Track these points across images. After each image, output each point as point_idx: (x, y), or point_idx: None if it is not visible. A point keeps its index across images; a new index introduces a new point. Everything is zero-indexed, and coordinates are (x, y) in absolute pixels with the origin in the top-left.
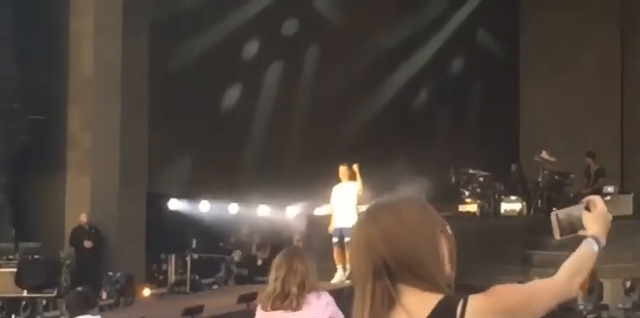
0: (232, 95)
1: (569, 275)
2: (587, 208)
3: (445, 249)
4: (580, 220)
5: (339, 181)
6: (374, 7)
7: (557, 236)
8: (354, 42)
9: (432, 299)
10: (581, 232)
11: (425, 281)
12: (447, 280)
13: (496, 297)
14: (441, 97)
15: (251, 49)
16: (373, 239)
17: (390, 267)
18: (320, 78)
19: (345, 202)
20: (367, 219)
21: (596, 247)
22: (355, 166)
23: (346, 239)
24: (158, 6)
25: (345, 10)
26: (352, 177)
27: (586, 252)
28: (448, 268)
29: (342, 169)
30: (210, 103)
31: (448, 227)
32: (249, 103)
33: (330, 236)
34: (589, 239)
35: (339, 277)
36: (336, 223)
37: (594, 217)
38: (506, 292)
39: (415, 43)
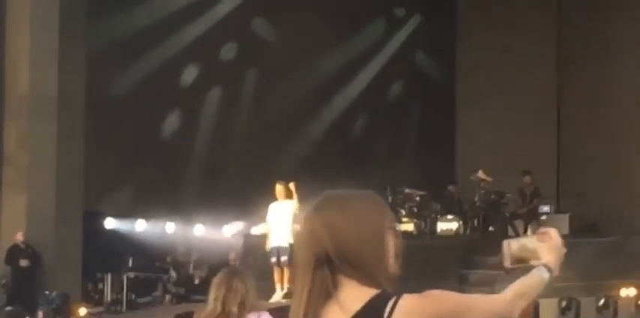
0: (173, 116)
1: (514, 295)
2: (541, 239)
3: (391, 245)
4: (533, 251)
5: (275, 199)
6: (311, 31)
7: (506, 264)
8: (293, 65)
9: (367, 294)
10: (532, 262)
11: (364, 276)
12: (390, 277)
13: (430, 300)
14: (379, 117)
15: (190, 73)
16: (317, 230)
17: (332, 259)
18: (260, 100)
19: (281, 220)
20: (313, 209)
21: (546, 276)
22: (292, 185)
23: (282, 258)
24: (94, 27)
25: (283, 33)
26: (289, 195)
27: (536, 278)
28: (392, 264)
29: (279, 188)
30: (149, 122)
31: (397, 225)
32: (189, 123)
33: (267, 254)
34: (541, 267)
35: (277, 296)
36: (272, 242)
37: (549, 247)
38: (442, 297)
39: (355, 65)
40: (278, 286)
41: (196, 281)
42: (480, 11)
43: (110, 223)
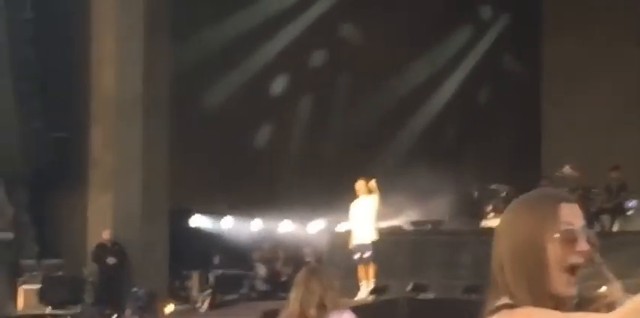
0: (262, 119)
1: (628, 312)
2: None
3: (555, 257)
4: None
5: (356, 196)
6: (400, 35)
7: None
8: (382, 71)
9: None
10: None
11: (501, 289)
12: (549, 294)
13: None
14: (467, 119)
15: (280, 82)
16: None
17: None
18: (351, 107)
19: (362, 217)
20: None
21: None
22: (373, 181)
23: (365, 255)
24: (180, 30)
25: (372, 39)
26: (370, 192)
27: None
28: (557, 280)
29: (360, 184)
30: (238, 123)
31: (575, 233)
32: (280, 126)
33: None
34: None
35: (363, 293)
36: (354, 239)
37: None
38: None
39: (444, 69)
40: (363, 283)
41: (283, 278)
42: (565, 11)
43: (196, 220)
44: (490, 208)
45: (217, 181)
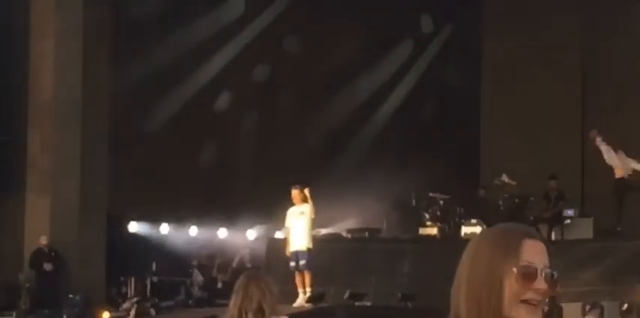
0: (203, 126)
1: None
2: None
3: (511, 291)
4: None
5: (292, 204)
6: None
7: None
8: (326, 87)
9: None
10: None
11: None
12: None
13: None
14: (401, 122)
15: (223, 99)
16: None
17: None
18: (297, 118)
19: (298, 225)
20: None
21: None
22: (307, 190)
23: (301, 262)
24: (119, 30)
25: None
26: (305, 200)
27: None
28: (511, 310)
29: (295, 192)
30: (173, 124)
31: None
32: (221, 134)
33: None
34: None
35: (300, 300)
36: (291, 247)
37: None
38: None
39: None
40: (300, 290)
41: (219, 285)
42: (504, 18)
43: (133, 226)
44: (428, 216)
45: (156, 187)
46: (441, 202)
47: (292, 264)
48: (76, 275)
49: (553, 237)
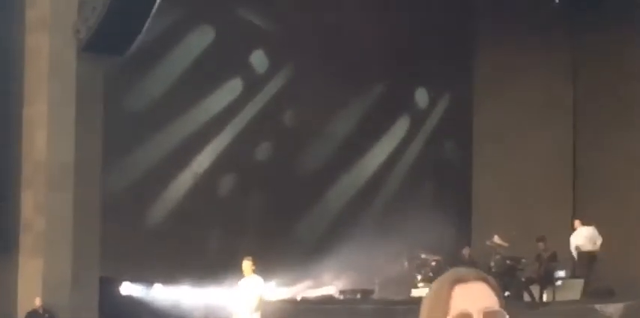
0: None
1: None
2: None
3: None
4: None
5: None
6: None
7: None
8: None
9: None
10: None
11: None
12: None
13: None
14: (393, 182)
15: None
16: None
17: None
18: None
19: (246, 297)
20: None
21: None
22: (250, 263)
23: None
24: (111, 95)
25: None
26: (254, 271)
27: None
28: None
29: (246, 264)
30: (166, 185)
31: None
32: (206, 191)
33: None
34: None
35: None
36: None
37: None
38: None
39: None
40: None
41: None
42: (493, 84)
43: (126, 288)
44: (420, 277)
45: (148, 249)
46: (433, 263)
47: None
48: None
49: (545, 298)
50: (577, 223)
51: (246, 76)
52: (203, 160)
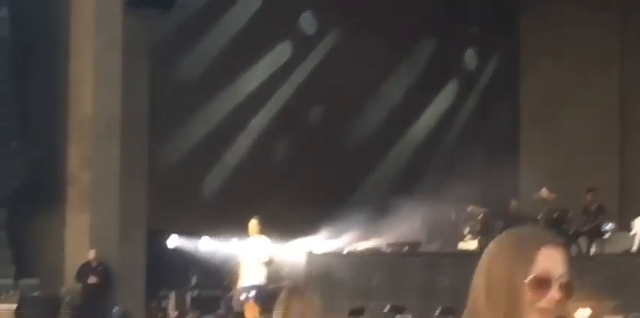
0: (241, 134)
1: None
2: None
3: (526, 299)
4: None
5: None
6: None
7: None
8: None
9: None
10: None
11: (472, 313)
12: None
13: None
14: (441, 137)
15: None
16: None
17: None
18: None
19: (252, 258)
20: None
21: None
22: (256, 222)
23: (251, 294)
24: (157, 45)
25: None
26: (261, 232)
27: None
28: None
29: (253, 224)
30: (217, 138)
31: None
32: (260, 143)
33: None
34: None
35: None
36: (243, 281)
37: None
38: None
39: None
40: None
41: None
42: (541, 39)
43: (174, 240)
44: (467, 230)
45: (196, 201)
46: (480, 215)
47: (242, 297)
48: (117, 289)
49: (592, 251)
50: None
51: (295, 39)
52: (256, 125)
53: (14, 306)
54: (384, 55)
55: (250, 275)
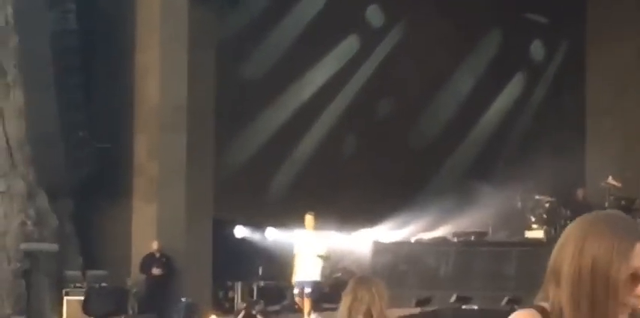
0: (305, 125)
1: None
2: None
3: (624, 292)
4: None
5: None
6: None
7: None
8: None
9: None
10: None
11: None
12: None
13: None
14: (508, 126)
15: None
16: None
17: None
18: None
19: (307, 253)
20: None
21: None
22: (311, 217)
23: (306, 291)
24: (225, 40)
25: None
26: (315, 227)
27: None
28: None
29: (309, 219)
30: (282, 133)
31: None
32: (328, 132)
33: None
34: None
35: None
36: (297, 276)
37: None
38: None
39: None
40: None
41: (326, 290)
42: (608, 27)
43: (240, 231)
44: (534, 219)
45: (262, 192)
46: (547, 204)
47: (296, 291)
48: (184, 280)
49: None
50: None
51: (362, 33)
52: (325, 118)
53: (82, 297)
54: (451, 46)
55: (306, 270)
